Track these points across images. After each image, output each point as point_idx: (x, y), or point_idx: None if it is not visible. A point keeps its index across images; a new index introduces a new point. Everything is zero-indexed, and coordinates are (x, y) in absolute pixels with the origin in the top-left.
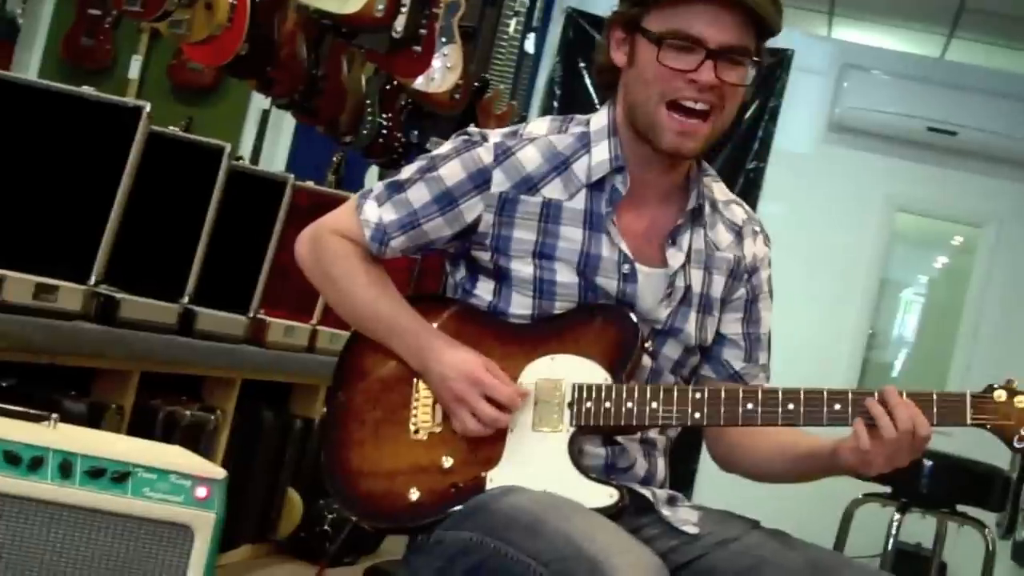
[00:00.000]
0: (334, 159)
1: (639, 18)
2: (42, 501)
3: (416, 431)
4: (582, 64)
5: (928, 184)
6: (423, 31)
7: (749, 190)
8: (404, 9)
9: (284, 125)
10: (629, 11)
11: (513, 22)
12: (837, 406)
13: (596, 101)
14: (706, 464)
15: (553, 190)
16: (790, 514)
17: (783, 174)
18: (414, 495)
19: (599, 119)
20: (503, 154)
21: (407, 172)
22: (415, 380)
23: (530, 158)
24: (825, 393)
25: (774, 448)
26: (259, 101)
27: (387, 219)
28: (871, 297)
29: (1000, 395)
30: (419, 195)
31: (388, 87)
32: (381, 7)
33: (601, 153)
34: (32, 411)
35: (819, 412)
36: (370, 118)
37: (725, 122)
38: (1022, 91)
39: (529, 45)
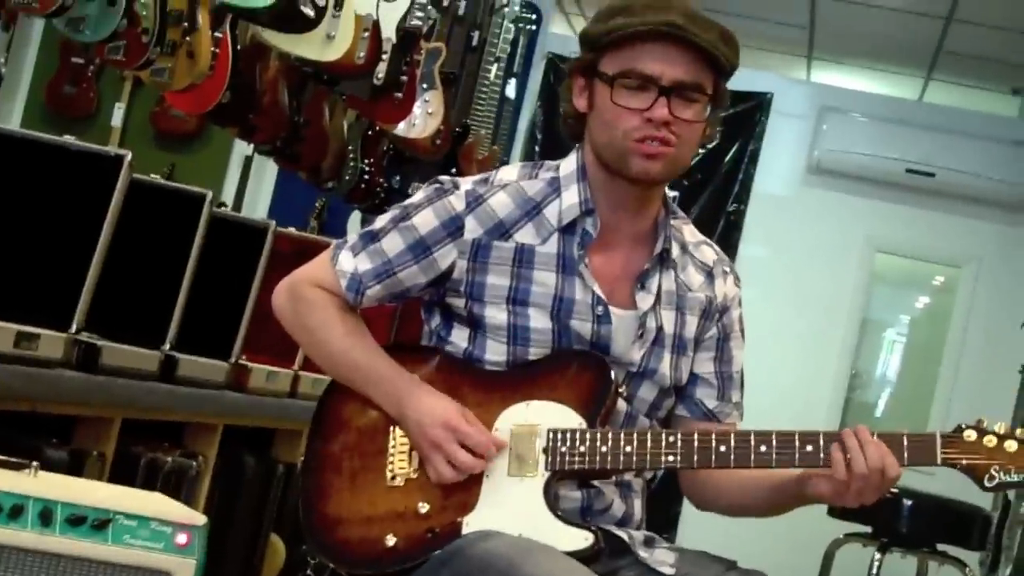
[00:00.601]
0: (316, 205)
1: (596, 62)
2: (23, 549)
3: (393, 477)
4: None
5: (908, 225)
6: (404, 78)
7: (730, 232)
8: (385, 56)
9: (267, 172)
10: (586, 57)
11: (494, 68)
12: (809, 448)
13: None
14: (689, 506)
15: (525, 235)
16: (772, 555)
17: (764, 216)
18: (391, 541)
19: (568, 164)
20: (475, 201)
21: (381, 222)
22: (391, 427)
23: (502, 204)
24: (797, 435)
25: (746, 481)
26: (242, 148)
27: (362, 269)
28: (853, 338)
29: (970, 435)
30: (393, 244)
31: (370, 133)
32: (362, 54)
33: (571, 197)
34: (12, 459)
35: (791, 454)
36: (352, 164)
37: (687, 155)
38: (999, 132)
39: (510, 90)
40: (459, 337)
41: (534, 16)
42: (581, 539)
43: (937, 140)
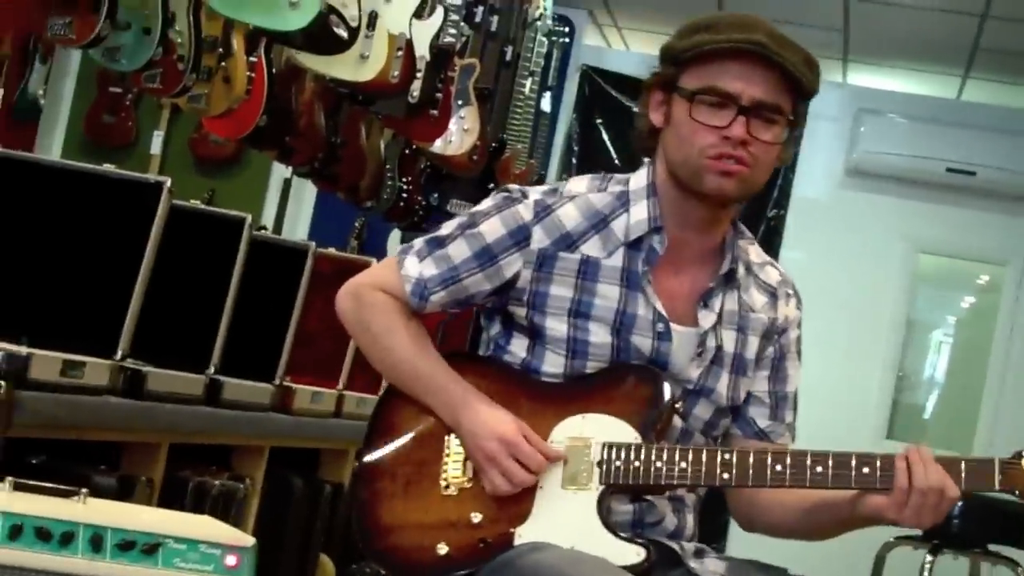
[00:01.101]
0: (356, 224)
1: (675, 78)
2: None
3: (446, 486)
4: (599, 120)
5: (949, 224)
6: (439, 95)
7: (770, 238)
8: (419, 74)
9: (306, 193)
10: (666, 71)
11: (528, 82)
12: (866, 469)
13: (614, 155)
14: None
15: (591, 248)
16: (823, 560)
17: (804, 220)
18: (443, 549)
19: (638, 178)
20: (543, 211)
21: (447, 228)
22: (447, 436)
23: (569, 216)
24: (854, 456)
25: (792, 500)
26: (280, 170)
27: (428, 274)
28: (898, 339)
29: None
30: (459, 251)
31: (407, 151)
32: (396, 73)
33: (640, 212)
34: (62, 487)
35: (847, 475)
36: (390, 183)
37: (761, 177)
38: None
39: (545, 104)
40: (518, 347)
41: (567, 29)
42: (633, 554)
43: (976, 138)
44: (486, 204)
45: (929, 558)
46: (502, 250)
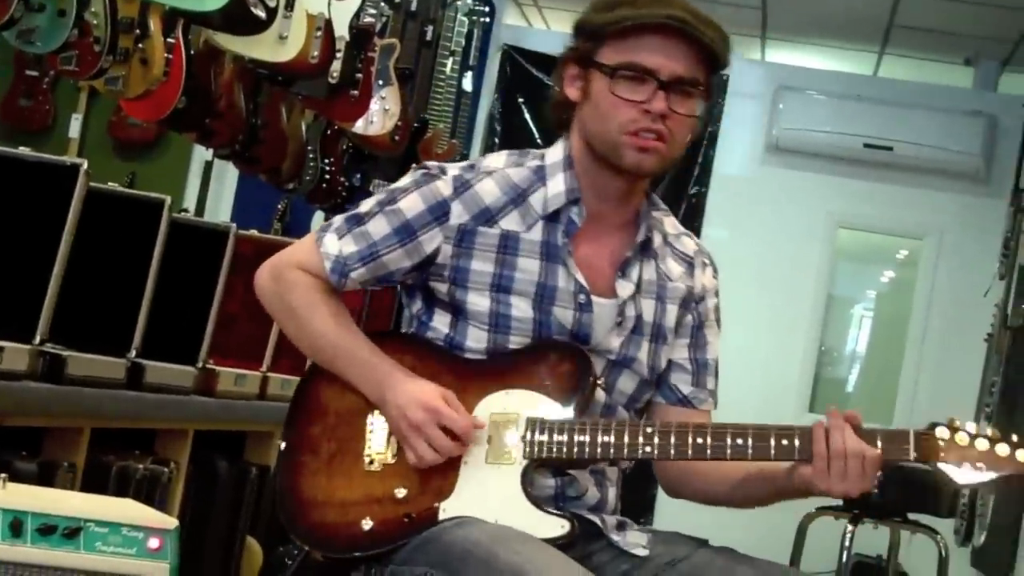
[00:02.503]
0: (279, 206)
1: (593, 52)
2: None
3: (370, 462)
4: (520, 99)
5: (869, 200)
6: (359, 75)
7: (692, 215)
8: (339, 54)
9: (228, 175)
10: (583, 46)
11: (449, 62)
12: (784, 441)
13: (536, 134)
14: None
15: (510, 222)
16: (745, 531)
17: (725, 197)
18: (367, 525)
19: (554, 153)
20: (462, 187)
21: (366, 205)
22: (370, 412)
23: (488, 191)
24: (773, 430)
25: (722, 471)
26: (202, 153)
27: (347, 251)
28: (820, 314)
29: (942, 432)
30: (379, 227)
31: (328, 132)
32: (315, 54)
33: (557, 185)
34: None
35: (766, 447)
36: (312, 164)
37: (678, 149)
38: (953, 104)
39: (467, 83)
40: (440, 322)
41: (487, 8)
42: (558, 527)
43: (893, 114)
44: (405, 181)
45: (850, 528)
46: (421, 226)
